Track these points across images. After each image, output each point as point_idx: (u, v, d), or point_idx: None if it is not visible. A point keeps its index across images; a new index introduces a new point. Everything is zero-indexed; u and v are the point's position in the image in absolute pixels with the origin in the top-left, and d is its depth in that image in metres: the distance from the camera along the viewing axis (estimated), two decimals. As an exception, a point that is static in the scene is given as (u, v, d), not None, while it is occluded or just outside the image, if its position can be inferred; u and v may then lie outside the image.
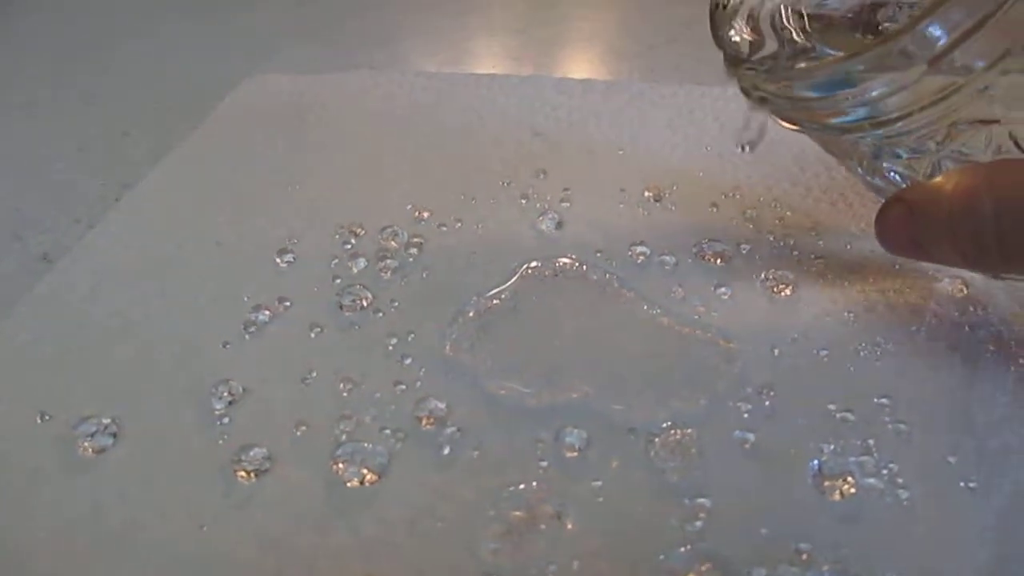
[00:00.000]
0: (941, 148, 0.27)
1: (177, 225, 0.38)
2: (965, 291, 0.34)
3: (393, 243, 0.36)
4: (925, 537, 0.24)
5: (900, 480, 0.26)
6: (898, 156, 0.28)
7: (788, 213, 0.39)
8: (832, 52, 0.30)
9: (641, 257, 0.36)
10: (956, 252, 0.24)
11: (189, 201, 0.40)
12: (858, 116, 0.27)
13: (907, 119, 0.26)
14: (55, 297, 0.34)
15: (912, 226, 0.26)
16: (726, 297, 0.33)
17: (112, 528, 0.25)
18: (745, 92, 0.31)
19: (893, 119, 0.26)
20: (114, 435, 0.27)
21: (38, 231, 0.39)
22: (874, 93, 0.25)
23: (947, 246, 0.24)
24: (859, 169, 0.32)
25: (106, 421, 0.28)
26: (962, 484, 0.26)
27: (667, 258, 0.36)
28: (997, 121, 0.25)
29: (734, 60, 0.31)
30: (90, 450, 0.27)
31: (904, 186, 0.29)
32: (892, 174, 0.30)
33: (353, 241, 0.37)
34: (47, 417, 0.28)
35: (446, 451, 0.27)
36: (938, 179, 0.25)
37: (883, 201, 0.29)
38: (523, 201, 0.40)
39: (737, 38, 0.32)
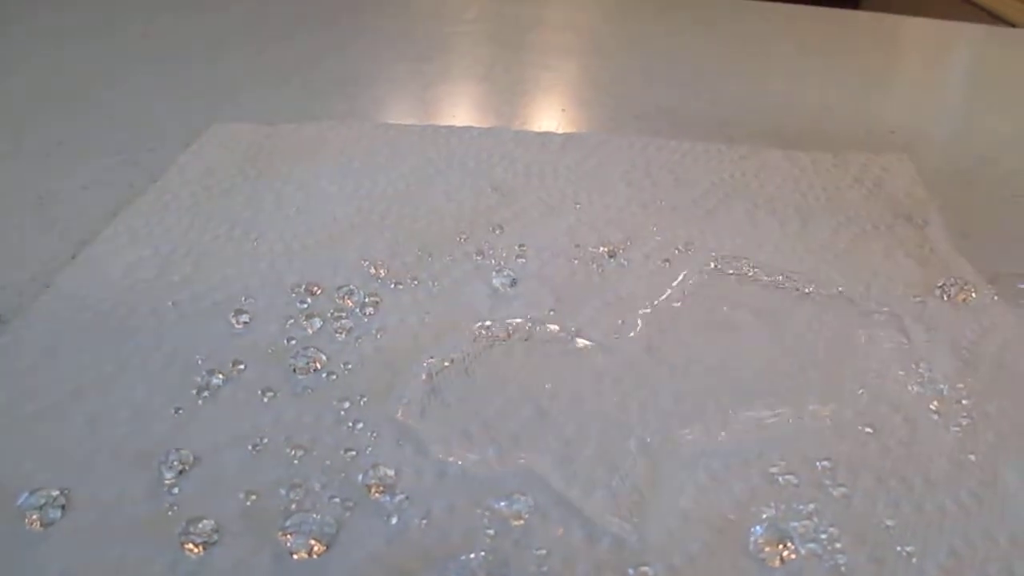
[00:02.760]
0: None
1: (133, 285, 0.38)
2: (907, 345, 0.35)
3: (349, 302, 0.37)
4: (861, 604, 0.25)
5: (838, 545, 0.27)
6: None
7: (736, 269, 0.39)
8: None
9: (593, 315, 0.36)
10: None
11: (145, 259, 0.40)
12: None
13: None
14: (7, 362, 0.34)
15: None
16: (674, 358, 0.34)
17: (57, 604, 0.25)
18: None
19: None
20: (62, 507, 0.27)
21: (-8, 290, 0.39)
22: None
23: None
24: None
25: (54, 493, 0.28)
26: (899, 549, 0.27)
27: (617, 318, 0.36)
28: None
29: None
30: (38, 523, 0.27)
31: None
32: None
33: (309, 300, 0.37)
34: (-6, 489, 0.28)
35: (394, 521, 0.27)
36: None
37: None
38: (479, 258, 0.40)
39: None
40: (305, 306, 0.37)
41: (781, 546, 0.26)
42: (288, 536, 0.26)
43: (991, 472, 0.30)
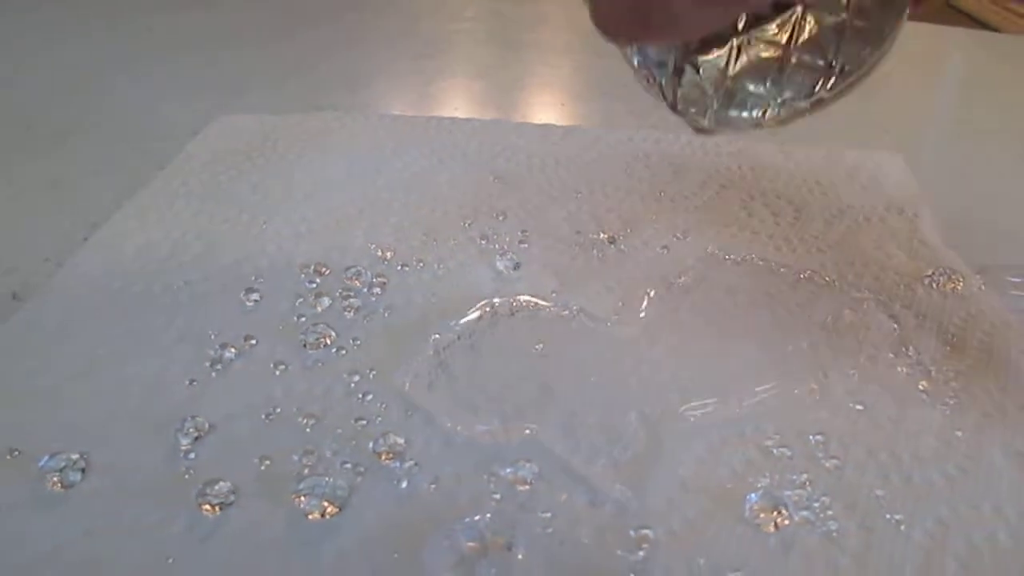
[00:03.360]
0: None
1: (145, 265, 0.39)
2: (897, 330, 0.37)
3: (357, 282, 0.38)
4: (850, 568, 0.26)
5: (830, 512, 0.28)
6: None
7: (732, 255, 0.41)
8: None
9: (594, 297, 0.37)
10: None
11: (156, 241, 0.41)
12: None
13: None
14: (25, 334, 0.35)
15: None
16: (673, 338, 0.35)
17: (79, 561, 0.26)
18: None
19: None
20: (83, 470, 0.28)
21: (6, 269, 0.40)
22: None
23: None
24: None
25: (75, 456, 0.29)
26: (888, 517, 0.28)
27: (618, 300, 0.37)
28: None
29: None
30: (59, 485, 0.28)
31: None
32: None
33: (318, 280, 0.38)
34: (16, 452, 0.29)
35: (404, 485, 0.28)
36: None
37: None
38: (482, 242, 0.41)
39: None
40: (314, 286, 0.38)
41: (775, 513, 0.27)
42: (302, 498, 0.27)
43: (976, 448, 0.31)
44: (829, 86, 0.27)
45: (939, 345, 0.36)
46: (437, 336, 0.34)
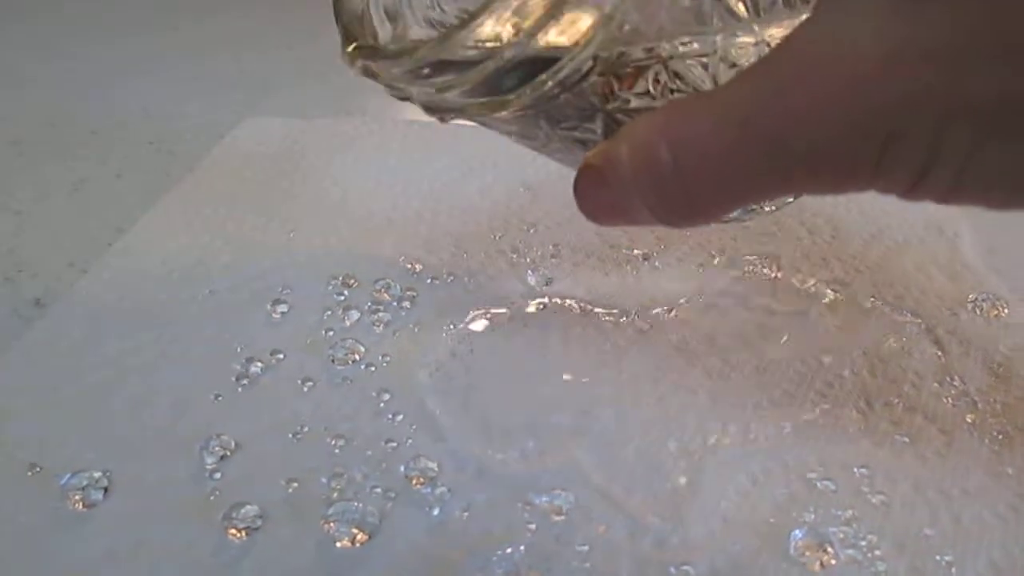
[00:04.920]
0: (610, 102, 0.24)
1: (171, 272, 0.38)
2: (941, 357, 0.35)
3: (386, 295, 0.37)
4: (902, 611, 0.25)
5: (878, 552, 0.27)
6: (571, 120, 0.25)
7: (773, 275, 0.40)
8: None
9: (629, 316, 0.36)
10: (647, 208, 0.22)
11: (183, 247, 0.40)
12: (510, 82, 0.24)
13: (553, 72, 0.23)
14: (48, 344, 0.34)
15: (604, 191, 0.23)
16: (710, 360, 0.34)
17: (102, 584, 0.25)
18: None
19: (544, 81, 0.23)
20: (105, 489, 0.28)
21: (30, 274, 0.39)
22: (507, 55, 0.22)
23: (638, 204, 0.22)
24: (550, 146, 0.29)
25: (97, 474, 0.28)
26: (938, 558, 0.27)
27: (653, 319, 0.36)
28: (656, 61, 0.23)
29: (372, 52, 0.28)
30: (80, 504, 0.27)
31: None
32: (577, 143, 0.27)
33: (346, 293, 0.37)
34: (37, 469, 0.28)
35: (435, 512, 0.27)
36: (617, 135, 0.22)
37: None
38: (513, 256, 0.40)
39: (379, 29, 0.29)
40: (342, 298, 0.37)
41: (821, 551, 0.26)
42: (331, 524, 0.26)
43: (1028, 486, 0.30)
44: None
45: (985, 375, 0.35)
46: (469, 354, 0.33)
